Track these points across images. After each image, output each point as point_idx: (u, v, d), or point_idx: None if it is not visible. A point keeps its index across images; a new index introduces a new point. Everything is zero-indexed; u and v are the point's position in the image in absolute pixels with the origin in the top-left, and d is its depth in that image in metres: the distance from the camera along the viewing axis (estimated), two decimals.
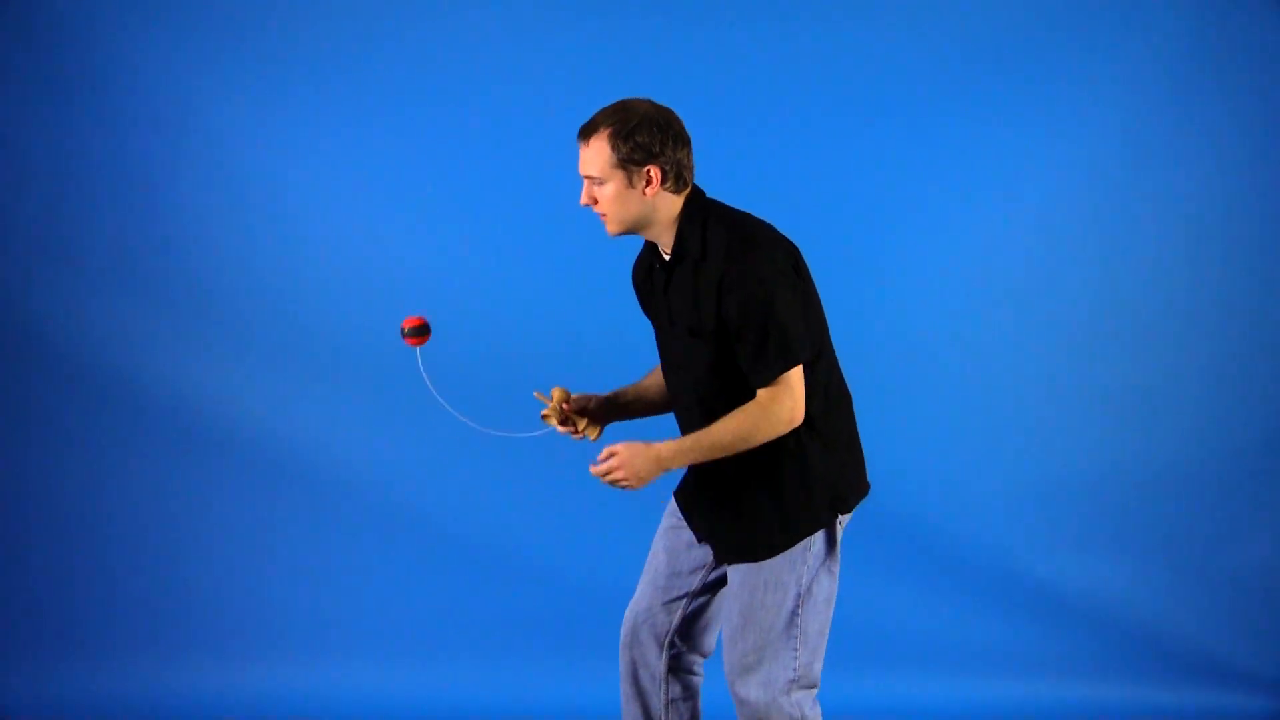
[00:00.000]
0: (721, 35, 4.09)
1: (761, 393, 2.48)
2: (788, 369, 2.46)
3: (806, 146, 4.11)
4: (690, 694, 2.81)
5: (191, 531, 4.08)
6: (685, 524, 2.74)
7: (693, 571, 2.74)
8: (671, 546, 2.76)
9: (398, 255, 4.10)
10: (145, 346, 4.04)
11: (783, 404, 2.46)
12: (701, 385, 2.56)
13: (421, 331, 2.60)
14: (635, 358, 2.95)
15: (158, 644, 4.03)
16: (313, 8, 4.03)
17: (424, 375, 2.64)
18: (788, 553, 2.56)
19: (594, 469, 2.53)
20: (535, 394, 2.71)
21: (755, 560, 2.57)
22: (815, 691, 2.63)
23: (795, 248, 2.57)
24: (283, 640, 4.07)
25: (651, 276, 2.68)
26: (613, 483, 2.51)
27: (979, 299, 4.19)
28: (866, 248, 4.14)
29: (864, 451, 2.69)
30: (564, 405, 2.69)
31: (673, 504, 2.79)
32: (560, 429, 2.71)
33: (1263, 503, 4.26)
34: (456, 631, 4.10)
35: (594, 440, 2.71)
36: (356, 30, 4.04)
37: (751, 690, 2.58)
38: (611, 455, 2.50)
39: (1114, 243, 4.21)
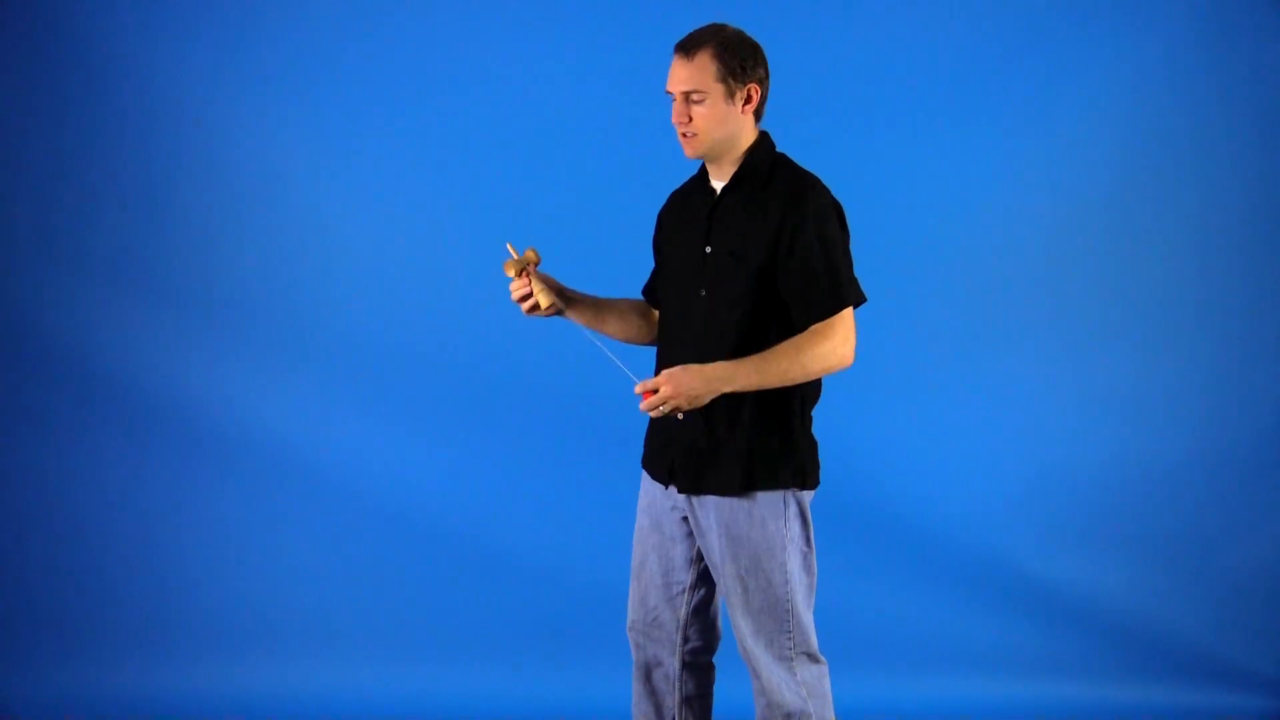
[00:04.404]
0: None
1: (815, 326, 2.53)
2: (837, 310, 2.52)
3: (804, 148, 4.08)
4: (704, 691, 2.82)
5: (192, 531, 4.08)
6: (662, 519, 2.73)
7: (686, 565, 2.74)
8: (659, 545, 2.76)
9: (398, 255, 4.10)
10: (146, 346, 4.04)
11: (834, 337, 2.52)
12: (725, 312, 2.57)
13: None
14: (634, 350, 2.94)
15: (158, 644, 4.03)
16: (313, 8, 4.04)
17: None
18: (764, 537, 2.57)
19: (643, 404, 2.49)
20: (507, 244, 2.67)
21: (716, 491, 2.58)
22: (825, 669, 2.66)
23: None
24: (282, 640, 4.07)
25: (687, 203, 2.72)
26: (668, 410, 2.48)
27: (978, 299, 4.19)
28: (866, 248, 4.12)
29: (857, 452, 2.70)
30: (529, 265, 2.65)
31: (643, 500, 2.79)
32: (515, 282, 2.64)
33: (1262, 503, 4.26)
34: (457, 631, 4.10)
35: (542, 310, 2.64)
36: (356, 30, 4.04)
37: (760, 668, 2.62)
38: (657, 388, 2.48)
39: (1113, 243, 4.21)
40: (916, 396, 4.15)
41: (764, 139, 2.65)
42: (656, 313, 2.85)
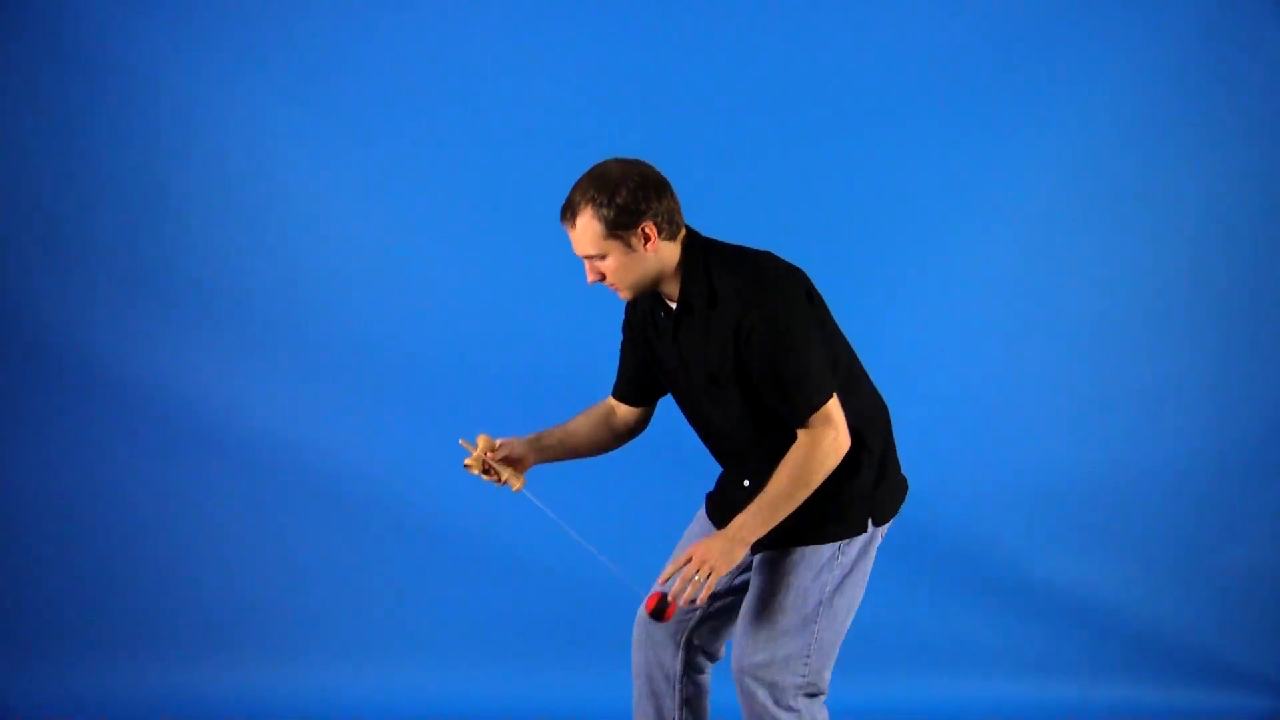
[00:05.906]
0: (714, 42, 4.08)
1: (801, 434, 2.47)
2: (818, 408, 2.45)
3: (802, 151, 4.11)
4: (701, 693, 2.80)
5: (192, 531, 4.08)
6: (712, 528, 2.71)
7: None
8: None
9: (398, 256, 4.10)
10: (146, 347, 4.03)
11: (824, 438, 2.45)
12: (737, 422, 2.56)
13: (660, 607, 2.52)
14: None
15: (158, 644, 4.03)
16: (314, 8, 4.03)
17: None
18: (815, 558, 2.55)
19: (678, 584, 2.44)
20: (460, 441, 2.65)
21: (781, 547, 2.56)
22: (823, 698, 2.63)
23: (802, 273, 2.53)
24: (282, 640, 4.07)
25: (653, 321, 2.63)
26: (704, 577, 2.43)
27: (979, 300, 4.19)
28: (866, 250, 4.14)
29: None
30: (487, 455, 2.64)
31: (701, 512, 2.78)
32: (484, 478, 2.65)
33: (1261, 503, 4.26)
34: (457, 631, 4.10)
35: (516, 490, 2.65)
36: (358, 31, 4.04)
37: (758, 690, 2.57)
38: (687, 560, 2.45)
39: (1114, 243, 4.21)
40: (917, 396, 4.14)
41: (689, 250, 2.50)
42: (626, 409, 2.78)
